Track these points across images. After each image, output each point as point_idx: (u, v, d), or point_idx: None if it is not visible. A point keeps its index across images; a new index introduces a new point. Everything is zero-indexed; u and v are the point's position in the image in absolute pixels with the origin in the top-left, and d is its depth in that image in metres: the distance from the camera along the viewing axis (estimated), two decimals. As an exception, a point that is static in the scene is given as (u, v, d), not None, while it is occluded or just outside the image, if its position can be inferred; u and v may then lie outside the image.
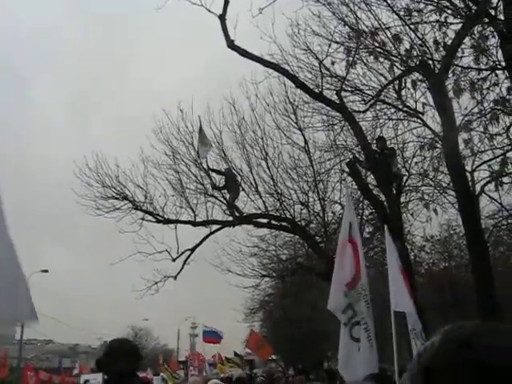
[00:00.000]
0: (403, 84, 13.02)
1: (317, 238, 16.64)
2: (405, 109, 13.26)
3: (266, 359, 34.21)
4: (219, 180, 16.21)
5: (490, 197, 12.69)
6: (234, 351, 36.42)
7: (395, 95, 13.44)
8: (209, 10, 13.50)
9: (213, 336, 33.32)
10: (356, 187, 14.02)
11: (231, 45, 13.51)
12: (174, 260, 16.29)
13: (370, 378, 6.22)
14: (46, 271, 44.90)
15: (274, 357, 41.51)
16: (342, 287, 6.95)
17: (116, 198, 16.24)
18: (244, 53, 13.45)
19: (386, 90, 13.47)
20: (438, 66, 11.96)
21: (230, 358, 35.02)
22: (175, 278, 16.83)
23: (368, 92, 13.68)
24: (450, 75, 11.47)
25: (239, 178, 16.33)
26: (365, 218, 16.50)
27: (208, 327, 33.11)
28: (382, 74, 13.29)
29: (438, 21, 11.22)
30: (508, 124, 11.01)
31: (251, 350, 29.93)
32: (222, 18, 13.50)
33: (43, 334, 61.24)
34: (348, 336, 6.78)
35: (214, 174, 16.31)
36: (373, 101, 13.50)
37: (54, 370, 44.34)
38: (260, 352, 28.80)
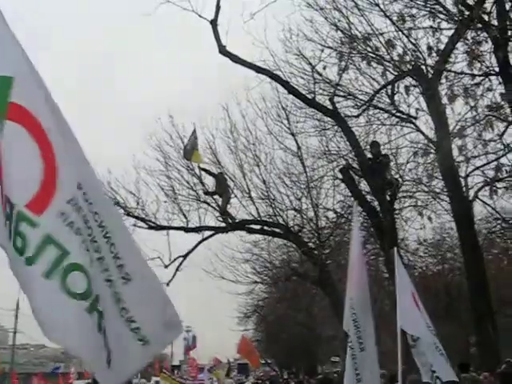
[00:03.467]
0: (396, 89, 12.92)
1: (310, 244, 16.51)
2: (398, 114, 13.16)
3: (256, 367, 34.18)
4: (211, 186, 16.10)
5: (483, 202, 12.63)
6: (227, 358, 36.65)
7: (388, 100, 13.35)
8: (200, 16, 13.41)
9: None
10: (349, 194, 13.91)
11: (223, 50, 13.41)
12: (166, 267, 16.15)
13: None
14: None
15: (268, 360, 41.50)
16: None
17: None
18: (236, 59, 13.38)
19: (378, 95, 13.37)
20: (431, 71, 11.88)
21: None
22: (168, 284, 16.65)
23: (361, 97, 13.58)
24: (444, 80, 11.37)
25: (232, 184, 16.22)
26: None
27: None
28: (374, 79, 13.20)
29: (431, 26, 11.12)
30: (502, 130, 10.90)
31: (242, 355, 29.91)
32: (214, 23, 13.40)
33: (36, 340, 60.74)
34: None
35: (206, 181, 16.21)
36: (365, 106, 13.40)
37: (48, 375, 43.97)
38: (250, 358, 28.76)
